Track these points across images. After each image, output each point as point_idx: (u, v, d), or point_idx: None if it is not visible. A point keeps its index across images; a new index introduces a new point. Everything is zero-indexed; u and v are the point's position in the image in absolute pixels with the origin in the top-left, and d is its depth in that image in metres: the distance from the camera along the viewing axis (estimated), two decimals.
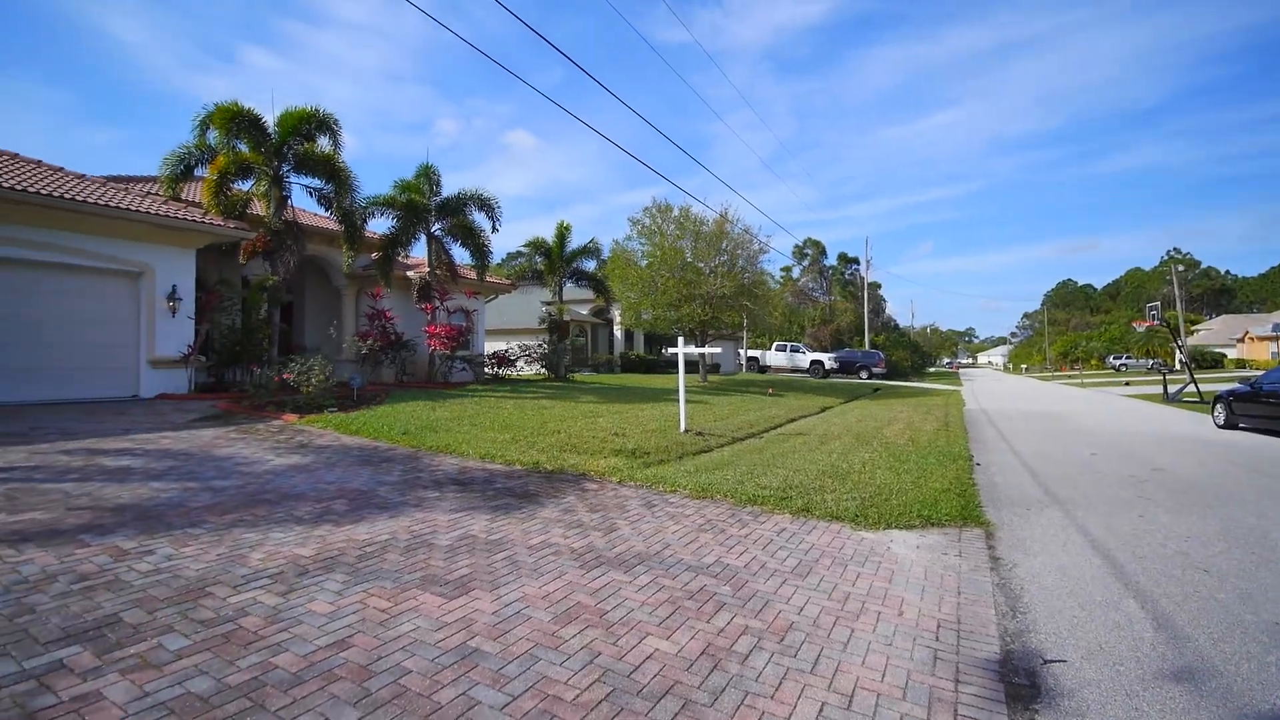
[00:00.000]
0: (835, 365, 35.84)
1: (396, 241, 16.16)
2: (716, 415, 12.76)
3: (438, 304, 16.98)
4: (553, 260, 23.15)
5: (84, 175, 12.22)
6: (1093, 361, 66.21)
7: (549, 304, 24.30)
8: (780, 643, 3.14)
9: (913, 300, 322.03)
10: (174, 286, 11.96)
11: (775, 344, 38.97)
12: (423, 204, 16.68)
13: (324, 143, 13.87)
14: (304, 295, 18.13)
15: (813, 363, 36.07)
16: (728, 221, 21.73)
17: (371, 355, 15.53)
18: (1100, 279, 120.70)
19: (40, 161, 11.91)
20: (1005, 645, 3.26)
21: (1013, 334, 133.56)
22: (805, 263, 68.26)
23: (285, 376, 11.19)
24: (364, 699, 2.47)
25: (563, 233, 23.08)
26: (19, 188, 9.81)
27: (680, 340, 10.45)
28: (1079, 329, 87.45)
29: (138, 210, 11.28)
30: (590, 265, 24.64)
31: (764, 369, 37.95)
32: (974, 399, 23.03)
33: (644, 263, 22.15)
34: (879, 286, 71.58)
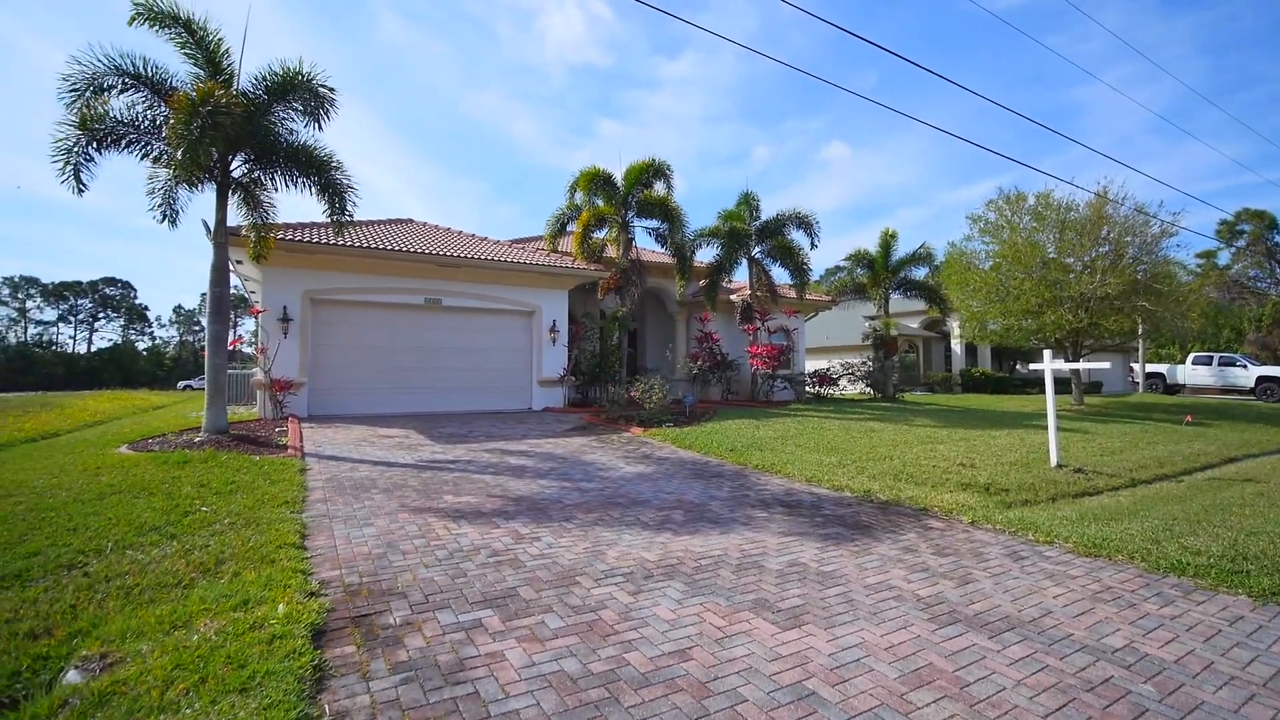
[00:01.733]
0: None
1: (720, 268, 17.25)
2: (1103, 448, 10.08)
3: (759, 324, 17.50)
4: (876, 271, 21.70)
5: (498, 241, 16.25)
6: None
7: (873, 318, 22.82)
8: None
9: None
10: (554, 321, 14.89)
11: (1192, 355, 29.24)
12: (743, 230, 17.50)
13: (659, 188, 15.78)
14: (644, 322, 20.68)
15: (1262, 380, 25.83)
16: (1108, 202, 17.18)
17: (700, 375, 16.78)
18: None
19: (473, 234, 16.28)
20: None
21: None
22: (1240, 243, 49.55)
23: (633, 394, 12.98)
24: (702, 717, 2.50)
25: (887, 241, 21.50)
26: (463, 255, 13.51)
27: (1046, 355, 8.56)
28: None
29: (533, 264, 14.45)
30: (920, 273, 22.33)
31: (1173, 389, 28.83)
32: None
33: (987, 264, 19.02)
34: None
